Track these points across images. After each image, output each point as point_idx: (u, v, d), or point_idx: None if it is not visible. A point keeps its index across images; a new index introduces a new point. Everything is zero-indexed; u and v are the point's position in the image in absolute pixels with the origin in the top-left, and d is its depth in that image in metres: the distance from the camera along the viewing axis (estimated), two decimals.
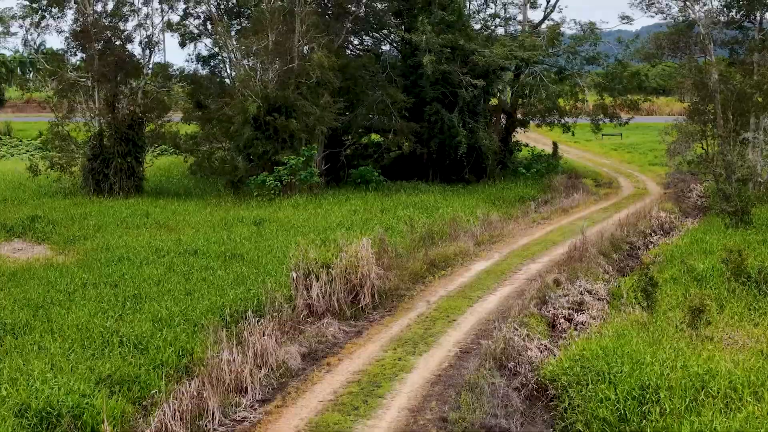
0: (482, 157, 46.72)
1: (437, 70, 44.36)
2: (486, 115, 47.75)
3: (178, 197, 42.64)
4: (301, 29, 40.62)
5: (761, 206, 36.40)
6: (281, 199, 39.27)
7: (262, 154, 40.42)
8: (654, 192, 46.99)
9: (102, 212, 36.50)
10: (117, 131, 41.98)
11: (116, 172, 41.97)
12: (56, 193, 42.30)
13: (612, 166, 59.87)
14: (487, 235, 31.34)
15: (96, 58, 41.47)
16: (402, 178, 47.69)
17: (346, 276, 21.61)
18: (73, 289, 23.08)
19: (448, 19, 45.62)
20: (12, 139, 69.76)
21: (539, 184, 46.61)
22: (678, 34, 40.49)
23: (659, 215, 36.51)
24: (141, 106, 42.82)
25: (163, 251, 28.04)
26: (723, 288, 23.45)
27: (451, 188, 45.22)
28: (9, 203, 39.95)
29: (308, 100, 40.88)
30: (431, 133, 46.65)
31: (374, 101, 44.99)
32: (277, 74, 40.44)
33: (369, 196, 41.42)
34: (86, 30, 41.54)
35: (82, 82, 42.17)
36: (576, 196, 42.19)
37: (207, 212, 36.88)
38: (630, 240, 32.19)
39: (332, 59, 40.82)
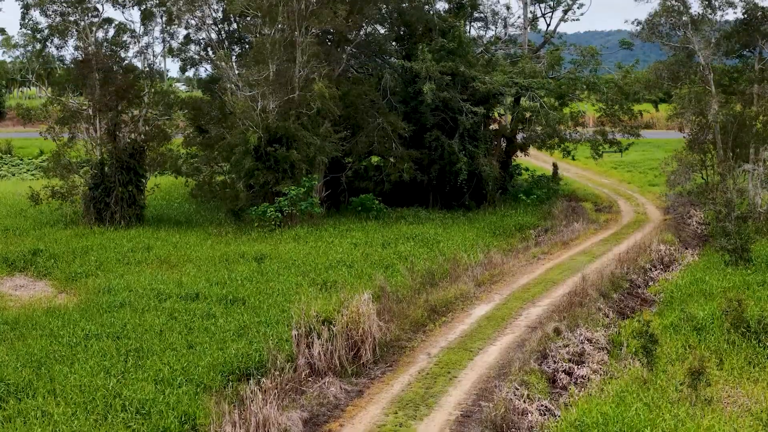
0: (483, 182, 46.81)
1: (437, 98, 44.48)
2: (486, 140, 47.84)
3: (179, 226, 42.75)
4: (301, 59, 40.72)
5: (761, 238, 36.57)
6: (282, 230, 39.38)
7: (263, 185, 40.51)
8: (654, 217, 47.07)
9: (103, 245, 36.59)
10: (118, 160, 42.06)
11: (117, 201, 42.04)
12: (57, 222, 42.39)
13: (612, 187, 59.98)
14: (488, 275, 31.42)
15: (97, 88, 41.57)
16: (402, 203, 47.84)
17: (347, 332, 21.69)
18: (75, 342, 23.19)
19: (448, 46, 45.74)
20: (13, 158, 69.88)
21: (539, 211, 46.71)
22: (678, 65, 40.61)
23: (659, 248, 36.61)
24: (142, 134, 42.91)
25: (164, 295, 28.14)
26: (722, 339, 23.56)
27: (451, 215, 45.33)
28: (10, 234, 40.08)
29: (309, 130, 40.98)
30: (432, 159, 46.76)
31: (374, 128, 45.07)
32: (278, 104, 40.53)
33: (369, 225, 41.52)
34: (87, 60, 41.62)
35: (83, 111, 42.27)
36: (576, 225, 42.25)
37: (208, 245, 36.98)
38: (630, 278, 32.28)
39: (333, 89, 40.93)
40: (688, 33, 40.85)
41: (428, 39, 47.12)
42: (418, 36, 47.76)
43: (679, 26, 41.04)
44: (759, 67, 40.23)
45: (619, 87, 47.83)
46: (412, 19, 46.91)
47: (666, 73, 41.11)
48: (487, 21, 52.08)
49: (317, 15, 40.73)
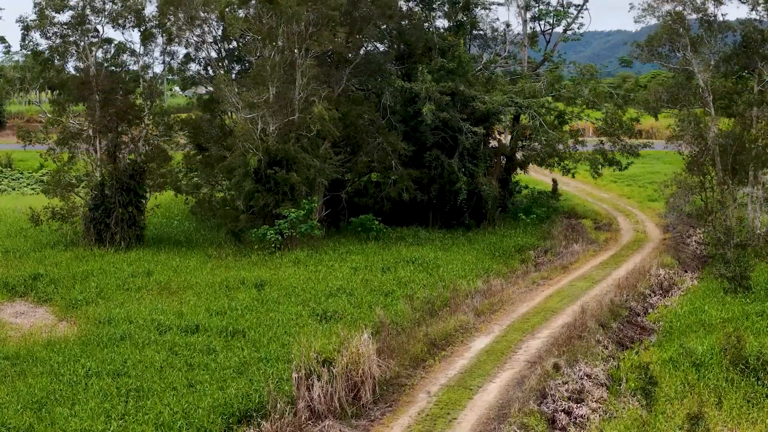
0: (482, 201, 46.88)
1: (437, 118, 44.56)
2: (486, 158, 47.91)
3: (179, 246, 42.82)
4: (301, 81, 40.79)
5: (760, 262, 36.64)
6: (282, 253, 39.43)
7: (263, 207, 40.58)
8: (653, 236, 47.14)
9: (104, 270, 36.65)
10: (118, 181, 42.13)
11: (117, 222, 42.11)
12: (57, 243, 42.44)
13: (611, 202, 60.03)
14: (487, 303, 31.48)
15: (97, 109, 41.64)
16: (402, 222, 47.94)
17: (347, 373, 21.76)
18: (76, 380, 23.26)
19: (448, 66, 45.82)
20: (13, 172, 69.95)
21: (539, 231, 46.77)
22: (677, 87, 40.68)
23: (658, 273, 36.72)
24: (142, 155, 42.98)
25: (164, 327, 28.19)
26: (722, 377, 23.62)
27: (451, 235, 45.39)
28: (10, 256, 40.14)
29: (308, 152, 41.06)
30: (431, 178, 46.83)
31: (374, 148, 45.14)
32: (278, 127, 40.60)
33: (369, 247, 41.58)
34: (87, 81, 41.68)
35: (83, 132, 42.34)
36: (575, 246, 42.33)
37: (208, 269, 37.04)
38: (629, 305, 32.36)
39: (333, 111, 41.01)
40: (687, 55, 40.92)
41: (428, 58, 47.21)
42: (418, 55, 47.84)
43: (678, 47, 41.11)
44: (758, 89, 40.28)
45: (618, 106, 47.89)
46: (412, 38, 46.98)
47: (665, 96, 41.19)
48: (486, 38, 52.10)
49: (317, 37, 40.80)
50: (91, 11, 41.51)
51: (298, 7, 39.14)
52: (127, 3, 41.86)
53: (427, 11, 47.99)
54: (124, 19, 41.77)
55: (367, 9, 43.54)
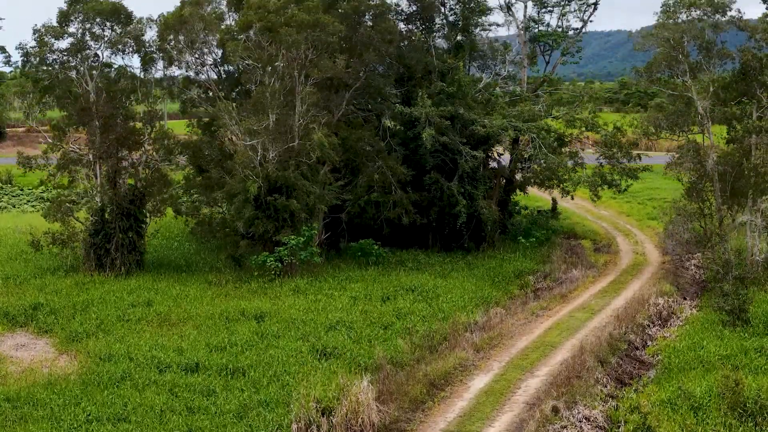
0: (482, 224, 46.95)
1: (437, 141, 44.65)
2: (485, 181, 47.98)
3: (179, 271, 42.90)
4: (301, 108, 40.87)
5: (759, 291, 36.71)
6: (282, 281, 39.51)
7: (263, 233, 40.66)
8: (653, 259, 47.21)
9: (104, 299, 36.73)
10: (118, 206, 42.20)
11: (118, 247, 42.16)
12: (58, 269, 42.53)
13: (610, 220, 60.11)
14: (486, 338, 31.56)
15: (97, 135, 41.71)
16: (402, 244, 48.10)
17: (346, 423, 21.85)
18: (77, 425, 23.36)
19: (447, 90, 45.91)
20: (13, 188, 70.00)
21: (538, 254, 46.84)
22: (677, 115, 40.75)
23: (657, 302, 36.79)
24: (143, 180, 43.04)
25: (164, 364, 28.29)
26: (720, 422, 23.69)
27: (450, 260, 45.47)
28: (11, 283, 40.24)
29: (308, 178, 41.14)
30: (431, 201, 46.91)
31: (374, 172, 45.21)
32: (278, 153, 40.68)
33: (369, 273, 41.64)
34: (87, 107, 41.75)
35: (83, 157, 42.41)
36: (575, 272, 42.41)
37: (208, 299, 37.11)
38: (628, 338, 32.44)
39: (332, 138, 41.10)
40: (686, 81, 40.99)
41: (428, 81, 47.30)
42: (418, 78, 47.93)
43: (677, 73, 41.17)
44: (758, 115, 40.32)
45: (617, 128, 47.98)
46: (412, 61, 47.05)
47: (664, 123, 41.26)
48: (486, 58, 52.14)
49: (317, 64, 40.88)
50: (90, 37, 41.54)
51: (297, 36, 39.20)
52: (127, 29, 41.90)
53: (426, 34, 48.03)
54: (123, 45, 41.77)
55: (366, 34, 43.60)
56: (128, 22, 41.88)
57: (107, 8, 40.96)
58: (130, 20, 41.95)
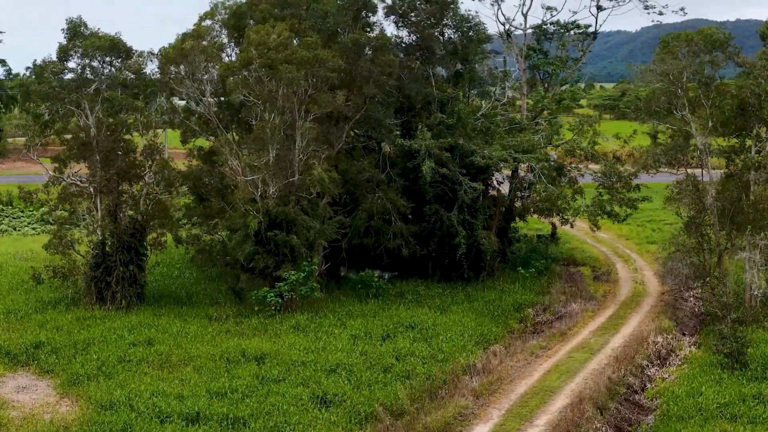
0: (482, 254, 47.09)
1: (437, 173, 44.78)
2: (485, 210, 48.12)
3: (179, 304, 43.04)
4: (301, 144, 41.01)
5: (757, 328, 36.86)
6: (282, 317, 39.63)
7: (264, 269, 40.80)
8: (652, 289, 47.27)
9: (105, 338, 36.85)
10: (119, 240, 42.36)
11: (118, 280, 42.32)
12: (59, 302, 42.68)
13: (609, 243, 60.21)
14: (486, 382, 31.69)
15: (98, 169, 41.86)
16: (402, 272, 48.40)
17: None
18: None
19: (447, 122, 46.05)
20: (14, 210, 70.09)
21: (537, 285, 46.95)
22: (675, 150, 40.88)
23: (656, 340, 36.95)
24: (143, 213, 43.17)
25: (165, 413, 28.41)
26: None
27: (450, 291, 45.58)
28: (12, 318, 40.40)
29: (308, 213, 41.27)
30: (431, 231, 47.06)
31: (374, 203, 45.38)
32: (278, 188, 40.80)
33: (369, 307, 41.78)
34: (88, 142, 41.90)
35: (84, 192, 42.53)
36: (574, 305, 42.57)
37: (209, 337, 37.22)
38: (627, 381, 32.58)
39: (332, 173, 41.24)
40: (685, 115, 41.11)
41: (428, 112, 47.43)
42: (418, 109, 48.06)
43: (676, 107, 41.27)
44: (756, 149, 40.46)
45: (617, 158, 48.13)
46: (412, 92, 47.16)
47: (663, 158, 41.40)
48: (485, 85, 52.21)
49: (317, 99, 41.01)
50: (90, 72, 41.65)
51: (297, 73, 39.32)
52: (127, 63, 42.03)
53: (426, 64, 48.13)
54: (124, 80, 41.91)
55: (366, 67, 43.71)
56: (128, 57, 41.99)
57: (106, 44, 41.08)
58: (129, 55, 42.08)
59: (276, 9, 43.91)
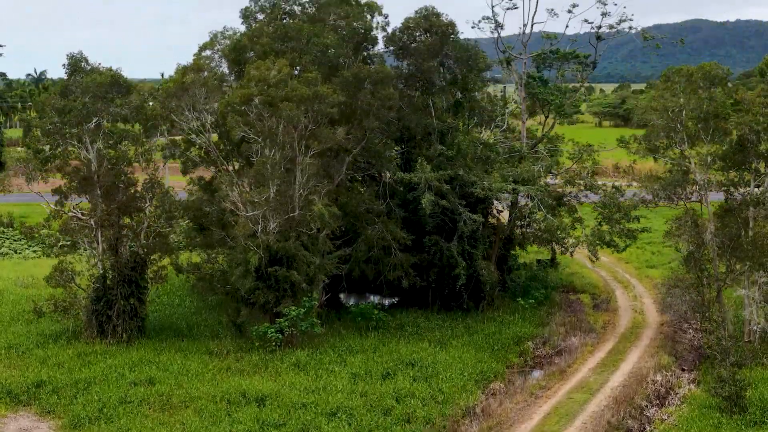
0: (481, 284, 47.26)
1: (437, 205, 44.93)
2: (484, 240, 48.28)
3: (180, 337, 43.24)
4: (302, 180, 41.14)
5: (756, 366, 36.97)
6: (283, 353, 39.75)
7: (264, 304, 40.95)
8: (651, 319, 47.39)
9: (106, 376, 36.99)
10: (120, 273, 42.50)
11: (119, 314, 42.48)
12: (60, 336, 42.86)
13: (609, 268, 60.32)
14: (486, 427, 31.84)
15: (99, 203, 42.00)
16: (403, 302, 48.69)
17: None
18: None
19: (447, 153, 46.22)
20: (14, 232, 70.23)
21: (537, 316, 47.10)
22: (674, 185, 41.00)
23: (655, 379, 37.07)
24: (144, 247, 43.30)
25: None
26: None
27: (450, 322, 45.73)
28: (13, 353, 40.57)
29: (309, 248, 41.41)
30: (431, 262, 47.23)
31: (374, 235, 45.55)
32: (278, 223, 40.94)
33: (369, 341, 41.94)
34: (89, 176, 42.04)
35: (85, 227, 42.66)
36: (573, 339, 42.75)
37: (210, 374, 37.36)
38: (626, 424, 32.69)
39: (332, 208, 41.37)
40: (684, 150, 41.25)
41: (428, 143, 47.59)
42: (418, 140, 48.23)
43: (675, 142, 41.42)
44: (755, 184, 40.59)
45: (616, 188, 48.26)
46: (412, 123, 47.32)
47: (662, 193, 41.53)
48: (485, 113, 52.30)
49: (317, 136, 41.16)
50: (91, 107, 41.75)
51: (297, 110, 39.45)
52: (127, 99, 42.17)
53: (426, 94, 48.28)
54: (124, 116, 42.07)
55: (366, 101, 43.87)
56: (128, 93, 42.15)
57: (107, 80, 41.27)
58: (130, 90, 42.23)
59: (277, 43, 44.04)
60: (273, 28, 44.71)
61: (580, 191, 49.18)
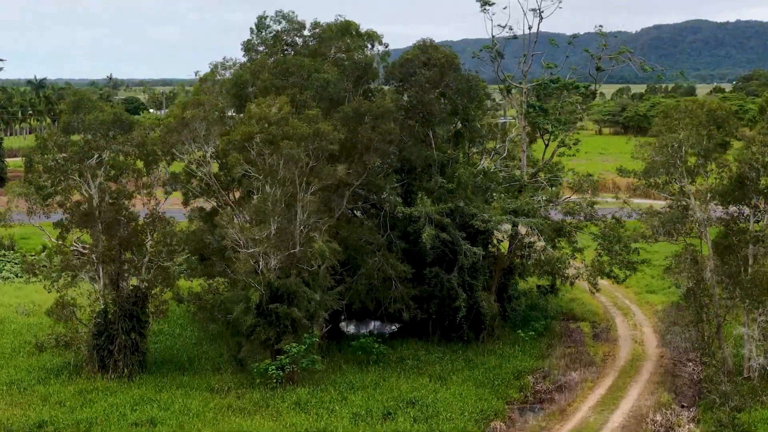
0: (481, 315, 47.39)
1: (437, 238, 45.04)
2: (485, 271, 48.41)
3: (181, 371, 43.40)
4: (302, 217, 41.26)
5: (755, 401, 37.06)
6: (284, 390, 39.87)
7: (265, 341, 41.07)
8: (651, 351, 47.45)
9: (107, 416, 37.20)
10: (121, 308, 42.65)
11: (120, 348, 42.63)
12: (62, 371, 43.01)
13: (609, 293, 60.36)
14: None
15: (100, 239, 42.11)
16: (403, 330, 48.87)
17: None
18: None
19: (447, 186, 46.33)
20: (16, 254, 70.28)
21: (537, 348, 47.19)
22: (673, 222, 41.09)
23: (655, 419, 37.21)
24: (145, 281, 43.43)
25: None
26: None
27: (450, 355, 45.89)
28: (15, 390, 40.73)
29: (309, 284, 41.53)
30: (431, 294, 47.37)
31: (374, 268, 45.68)
32: (279, 260, 41.06)
33: (370, 377, 42.12)
34: (90, 212, 42.16)
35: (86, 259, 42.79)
36: (574, 375, 42.86)
37: (211, 414, 37.53)
38: None
39: (333, 244, 41.48)
40: (684, 187, 41.33)
41: (428, 176, 47.71)
42: (418, 172, 48.36)
43: (675, 178, 41.50)
44: (754, 220, 40.68)
45: (616, 219, 48.36)
46: (412, 156, 47.42)
47: (661, 230, 41.63)
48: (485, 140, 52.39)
49: (317, 173, 41.28)
50: (93, 144, 41.87)
51: (297, 149, 39.56)
52: (131, 135, 42.29)
53: (426, 126, 48.34)
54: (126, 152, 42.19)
55: (367, 136, 43.96)
56: (130, 129, 42.28)
57: (109, 118, 41.39)
58: (132, 127, 42.36)
59: (277, 78, 44.12)
60: (274, 62, 44.79)
61: (579, 223, 49.24)
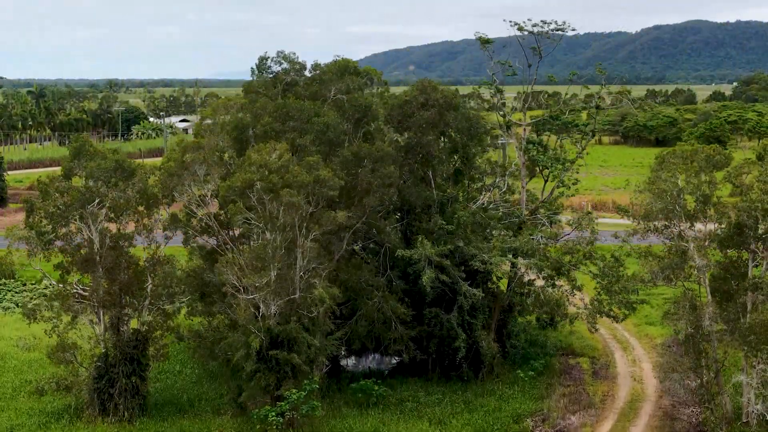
0: (480, 355, 47.58)
1: (437, 279, 45.21)
2: (484, 310, 48.59)
3: (181, 413, 43.59)
4: (302, 263, 41.38)
5: None
6: None
7: (265, 387, 41.20)
8: (650, 391, 47.55)
9: None
10: (122, 352, 42.84)
11: (121, 392, 42.82)
12: (62, 414, 43.21)
13: (608, 325, 60.25)
14: None
15: (101, 284, 42.24)
16: (403, 368, 49.02)
17: None
18: None
19: (446, 228, 46.50)
20: (16, 283, 70.40)
21: (537, 389, 47.30)
22: (672, 267, 41.22)
23: None
24: (146, 324, 43.60)
25: None
26: None
27: (450, 396, 46.02)
28: None
29: (309, 330, 41.67)
30: (431, 333, 47.55)
31: (374, 309, 45.86)
32: (279, 306, 41.18)
33: (370, 422, 42.23)
34: (91, 258, 42.29)
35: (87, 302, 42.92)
36: (573, 418, 42.99)
37: None
38: None
39: (333, 289, 41.61)
40: (683, 231, 41.45)
41: (428, 216, 47.86)
42: (418, 212, 48.51)
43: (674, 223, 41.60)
44: (753, 265, 40.80)
45: (616, 258, 48.49)
46: (412, 197, 47.59)
47: (660, 275, 41.77)
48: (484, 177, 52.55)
49: (318, 219, 41.40)
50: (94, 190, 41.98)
51: (297, 197, 39.68)
52: (131, 182, 42.44)
53: (425, 166, 48.54)
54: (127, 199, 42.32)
55: (367, 179, 44.10)
56: (132, 176, 42.43)
57: (111, 165, 41.54)
58: (133, 173, 42.50)
59: (277, 123, 44.26)
60: (275, 106, 44.91)
61: (578, 261, 49.36)
